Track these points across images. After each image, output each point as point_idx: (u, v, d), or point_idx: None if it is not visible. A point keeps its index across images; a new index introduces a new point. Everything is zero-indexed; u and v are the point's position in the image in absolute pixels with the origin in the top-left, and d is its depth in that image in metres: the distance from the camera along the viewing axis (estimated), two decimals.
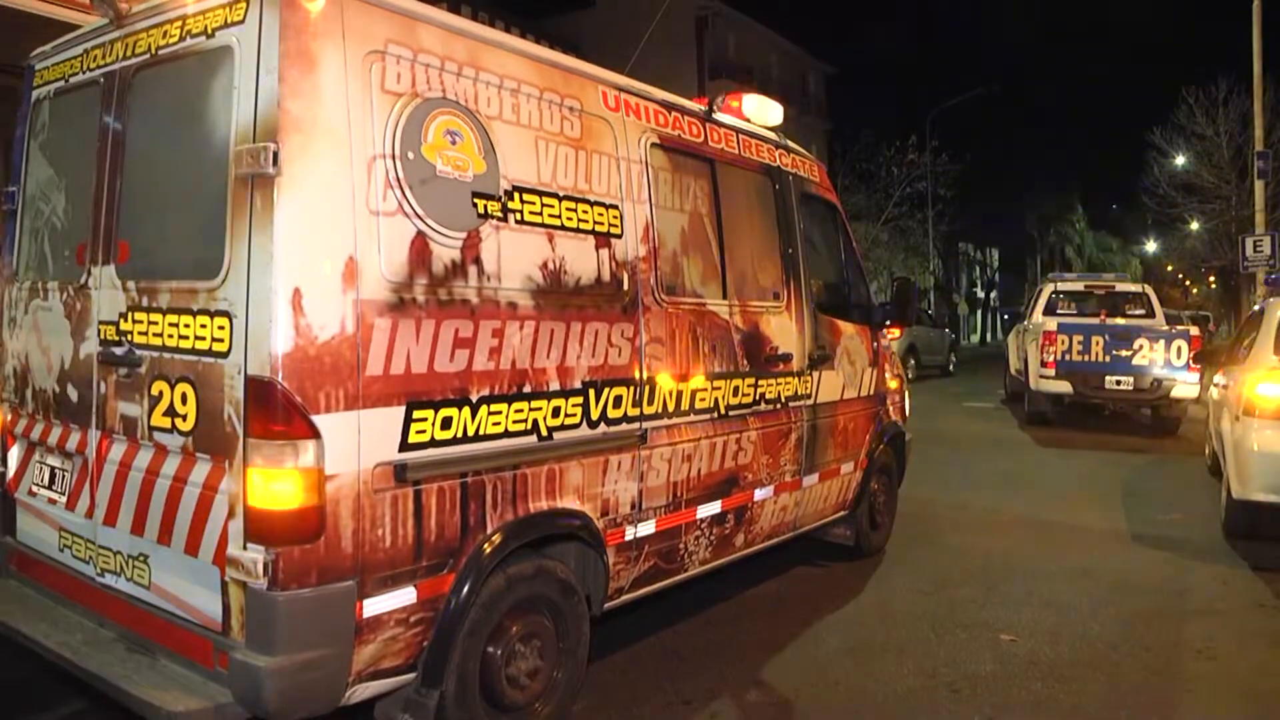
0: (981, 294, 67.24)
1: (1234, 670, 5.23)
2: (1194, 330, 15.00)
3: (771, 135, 6.03)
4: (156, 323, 3.54)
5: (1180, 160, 39.61)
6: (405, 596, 3.45)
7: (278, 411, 3.11)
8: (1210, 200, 38.61)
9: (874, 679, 4.92)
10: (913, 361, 24.45)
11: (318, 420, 3.15)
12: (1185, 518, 8.68)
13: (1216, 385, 9.98)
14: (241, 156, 3.16)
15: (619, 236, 4.38)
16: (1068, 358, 14.24)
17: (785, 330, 5.67)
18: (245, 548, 3.18)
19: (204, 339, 3.33)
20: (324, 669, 3.24)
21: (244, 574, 3.17)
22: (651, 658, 5.15)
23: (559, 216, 4.08)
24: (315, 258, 3.19)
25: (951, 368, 28.21)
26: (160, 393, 3.51)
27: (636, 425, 4.44)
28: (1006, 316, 32.94)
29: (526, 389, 3.88)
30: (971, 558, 7.33)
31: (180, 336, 3.43)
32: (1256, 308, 10.19)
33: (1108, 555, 7.50)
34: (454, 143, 3.67)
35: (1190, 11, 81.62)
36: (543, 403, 3.95)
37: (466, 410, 3.62)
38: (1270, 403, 7.19)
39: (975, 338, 64.26)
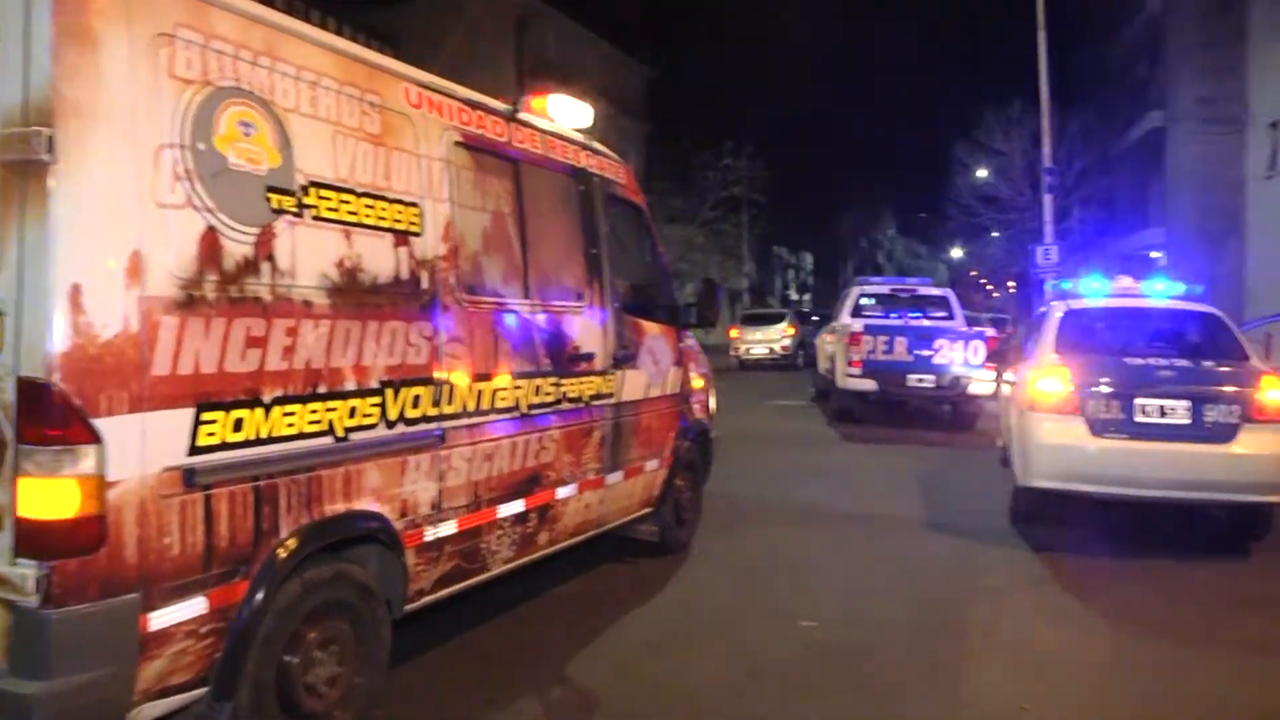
0: (795, 296, 69.73)
1: (1012, 642, 5.80)
2: (989, 331, 16.21)
3: (578, 136, 6.21)
4: None
5: (982, 173, 42.71)
6: (195, 607, 3.38)
7: (53, 415, 3.00)
8: (1007, 211, 41.85)
9: (678, 670, 5.16)
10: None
11: (99, 424, 3.05)
12: (978, 505, 9.38)
13: (1007, 382, 10.81)
14: (9, 141, 3.02)
15: (419, 235, 4.44)
16: (873, 357, 15.09)
17: (588, 330, 5.86)
18: (14, 563, 3.03)
19: None
20: (104, 691, 3.13)
21: (11, 592, 3.01)
22: (457, 658, 5.25)
23: (357, 213, 4.10)
24: (96, 252, 3.10)
25: (800, 362, 30.14)
26: None
27: (436, 425, 4.52)
28: (817, 318, 34.60)
29: (322, 389, 3.88)
30: (776, 550, 7.75)
31: None
32: (1041, 310, 11.09)
33: (905, 543, 8.07)
34: (248, 134, 3.63)
35: (990, 35, 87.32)
36: (339, 403, 3.96)
37: (259, 411, 3.60)
38: (1050, 398, 7.86)
39: None
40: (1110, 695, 5.06)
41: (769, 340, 31.97)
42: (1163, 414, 7.58)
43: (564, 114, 5.98)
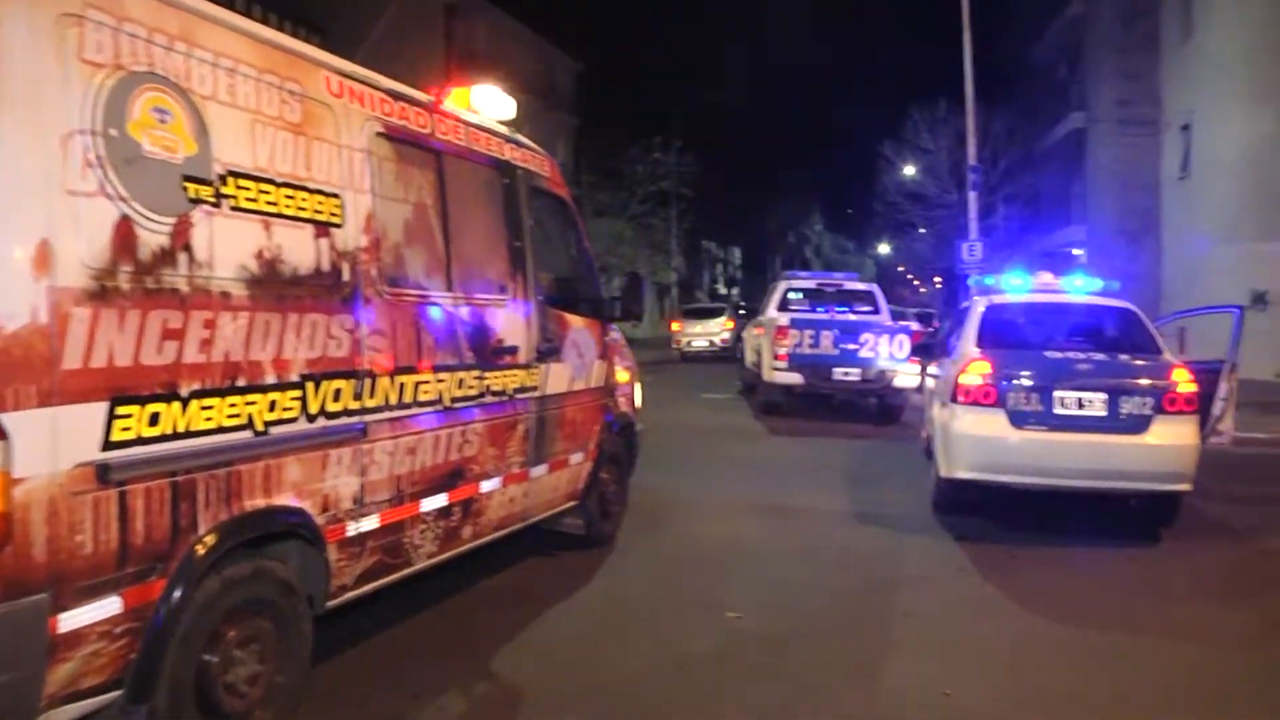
0: (724, 291, 70.24)
1: (934, 629, 5.95)
2: (914, 326, 16.52)
3: (502, 129, 6.21)
4: None
5: (909, 171, 43.61)
6: (109, 607, 3.32)
7: None
8: (934, 208, 42.75)
9: (604, 663, 5.21)
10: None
11: (3, 419, 2.97)
12: (902, 497, 9.57)
13: (931, 376, 11.04)
14: None
15: (340, 226, 4.42)
16: (799, 351, 15.28)
17: (512, 323, 5.87)
18: None
19: None
20: (8, 697, 3.05)
21: None
22: (380, 654, 5.23)
23: (276, 204, 4.07)
24: (1, 241, 3.04)
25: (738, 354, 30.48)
26: None
27: (358, 419, 4.50)
28: (744, 312, 35.55)
29: (241, 382, 3.84)
30: (702, 542, 7.84)
31: None
32: (964, 305, 11.34)
33: (831, 534, 8.21)
34: (163, 121, 3.57)
35: (916, 34, 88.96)
36: (258, 397, 3.93)
37: (176, 405, 3.55)
38: (971, 391, 8.05)
39: None
40: (1028, 678, 5.22)
41: (709, 333, 33.99)
42: (1080, 406, 7.82)
43: (488, 106, 5.98)
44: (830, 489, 10.11)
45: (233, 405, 3.81)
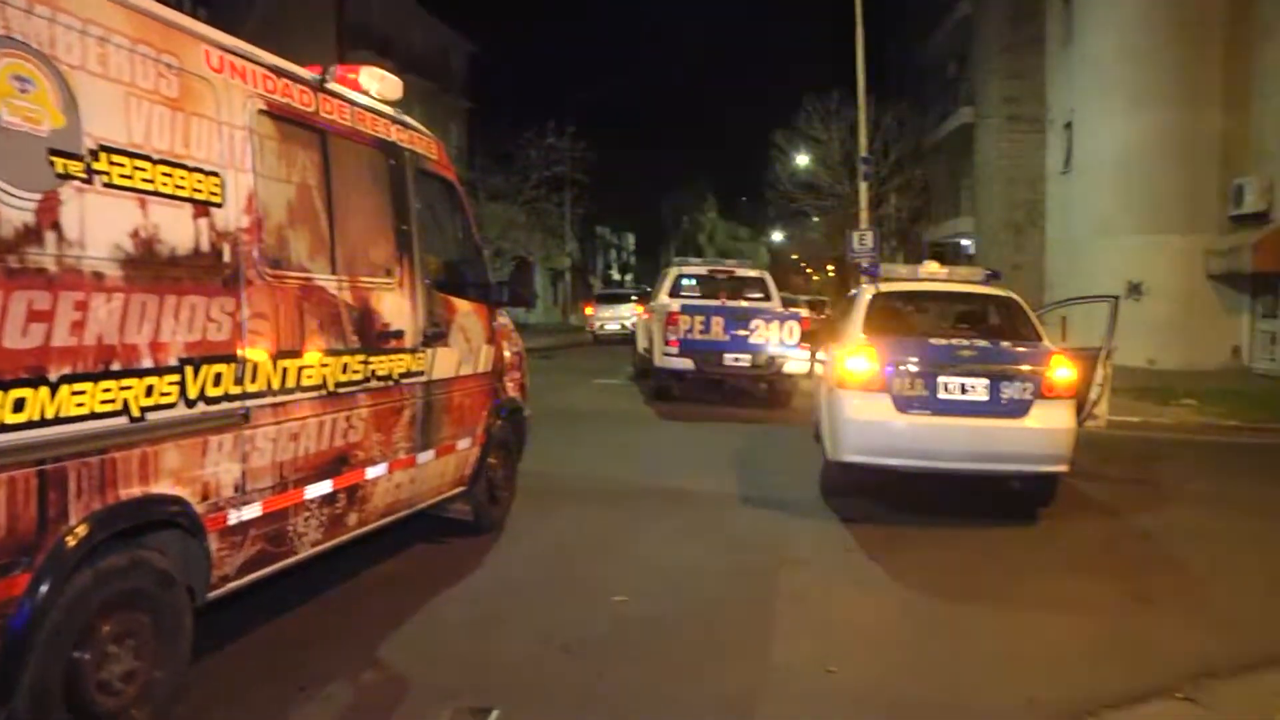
0: (618, 276, 70.43)
1: (819, 609, 6.13)
2: (804, 312, 16.85)
3: (388, 110, 6.15)
4: None
5: (802, 160, 44.41)
6: None
7: None
8: (826, 197, 43.55)
9: (491, 649, 5.23)
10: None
11: None
12: (791, 480, 9.77)
13: (820, 361, 11.28)
14: None
15: (220, 206, 4.33)
16: (690, 337, 15.43)
17: (398, 307, 5.83)
18: None
19: None
20: None
21: None
22: (266, 646, 5.17)
23: (153, 181, 3.95)
24: None
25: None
26: None
27: (239, 404, 4.43)
28: (635, 298, 36.52)
29: (115, 367, 3.74)
30: (591, 527, 7.92)
31: None
32: (852, 293, 11.60)
33: (719, 517, 8.36)
34: (24, 90, 3.41)
35: (812, 25, 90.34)
36: (134, 381, 3.83)
37: (44, 390, 3.44)
38: (858, 376, 8.26)
39: None
40: (909, 653, 5.43)
41: (620, 317, 36.14)
42: (963, 391, 8.09)
43: (375, 86, 5.93)
44: (720, 473, 10.26)
45: (106, 390, 3.70)
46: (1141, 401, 15.96)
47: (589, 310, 40.04)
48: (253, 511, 4.57)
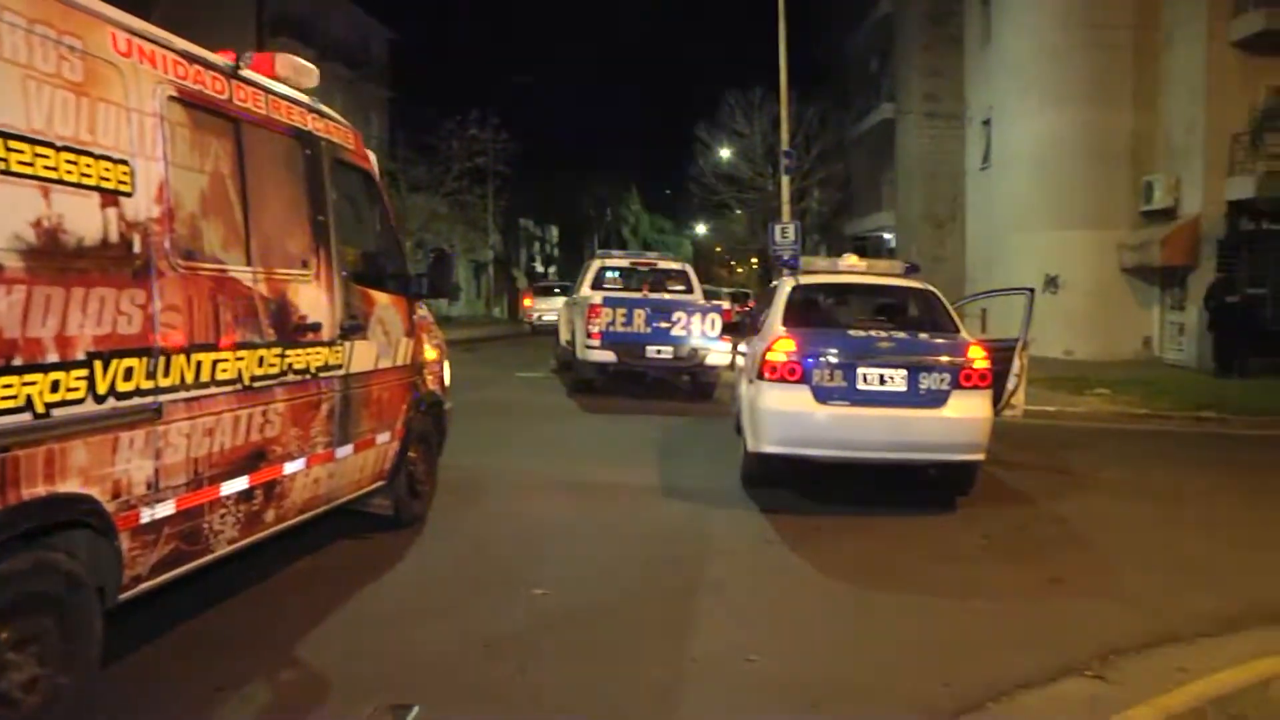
0: (541, 269, 70.20)
1: (740, 599, 6.22)
2: (725, 305, 17.01)
3: (304, 98, 6.07)
4: None
5: (724, 153, 44.83)
6: None
7: None
8: (749, 190, 44.00)
9: (411, 644, 5.21)
10: None
11: None
12: (712, 471, 9.87)
13: (741, 353, 11.39)
14: None
15: (129, 195, 4.22)
16: (612, 329, 15.48)
17: (314, 299, 5.76)
18: None
19: None
20: None
21: None
22: (181, 647, 5.07)
23: (56, 169, 3.82)
24: None
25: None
26: None
27: (151, 399, 4.33)
28: (559, 290, 36.91)
29: (18, 361, 3.62)
30: (512, 521, 7.92)
31: None
32: (772, 285, 11.73)
33: (640, 510, 8.43)
34: None
35: (734, 20, 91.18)
36: (38, 376, 3.71)
37: None
38: (778, 368, 8.36)
39: None
40: (829, 640, 5.55)
41: (556, 309, 35.84)
42: (882, 382, 8.24)
43: (290, 74, 5.85)
44: (641, 465, 10.32)
45: (8, 386, 3.58)
46: (1057, 391, 16.39)
47: (528, 302, 41.68)
48: (166, 509, 4.47)
